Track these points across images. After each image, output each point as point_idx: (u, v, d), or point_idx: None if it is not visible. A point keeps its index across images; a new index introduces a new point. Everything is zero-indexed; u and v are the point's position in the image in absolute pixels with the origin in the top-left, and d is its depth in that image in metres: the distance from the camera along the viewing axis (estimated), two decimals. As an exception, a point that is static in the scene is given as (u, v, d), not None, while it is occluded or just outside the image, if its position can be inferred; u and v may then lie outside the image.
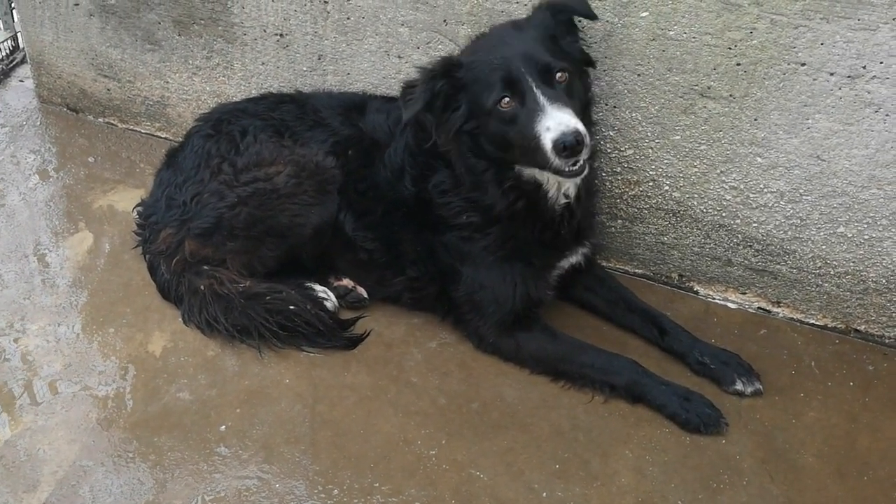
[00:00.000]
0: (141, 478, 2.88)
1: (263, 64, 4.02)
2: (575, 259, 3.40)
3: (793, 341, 3.49)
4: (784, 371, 3.35)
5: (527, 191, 3.10)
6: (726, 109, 3.22)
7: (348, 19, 3.69)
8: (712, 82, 3.19)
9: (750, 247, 3.48)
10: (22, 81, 4.90)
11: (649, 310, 3.45)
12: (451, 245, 3.28)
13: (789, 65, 3.05)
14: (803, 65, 3.03)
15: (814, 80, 3.04)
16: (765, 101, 3.15)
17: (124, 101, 4.51)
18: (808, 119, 3.12)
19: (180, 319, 3.45)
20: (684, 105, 3.27)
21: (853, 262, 3.33)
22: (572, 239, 3.32)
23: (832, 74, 3.01)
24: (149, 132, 4.56)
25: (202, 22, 4.02)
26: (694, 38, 3.13)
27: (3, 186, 4.15)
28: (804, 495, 2.90)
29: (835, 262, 3.37)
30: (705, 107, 3.25)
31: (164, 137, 4.50)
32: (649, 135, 3.40)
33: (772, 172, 3.28)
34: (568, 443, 3.05)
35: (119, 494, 2.83)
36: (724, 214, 3.45)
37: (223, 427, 3.05)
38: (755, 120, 3.20)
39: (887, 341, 3.46)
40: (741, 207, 3.40)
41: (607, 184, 3.59)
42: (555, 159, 2.79)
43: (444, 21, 3.48)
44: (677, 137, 3.35)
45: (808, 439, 3.09)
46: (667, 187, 3.48)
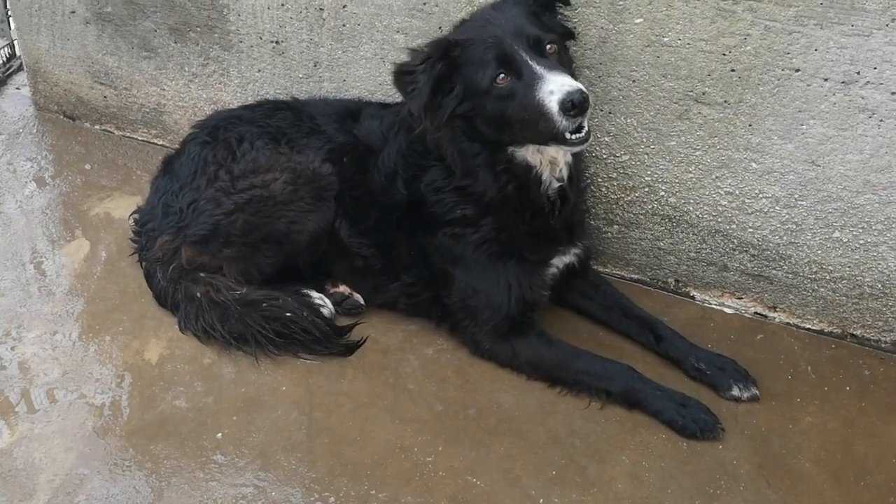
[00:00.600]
0: (137, 486, 2.88)
1: (259, 71, 4.03)
2: (569, 259, 3.40)
3: (789, 346, 3.49)
4: (781, 376, 3.35)
5: (518, 174, 3.10)
6: (721, 115, 3.23)
7: (344, 26, 3.70)
8: (707, 88, 3.20)
9: (746, 252, 3.48)
10: (18, 89, 4.90)
11: (645, 315, 3.46)
12: (444, 247, 3.28)
13: (783, 71, 3.06)
14: (797, 71, 3.04)
15: (808, 85, 3.05)
16: (759, 106, 3.16)
17: (121, 108, 4.51)
18: (802, 125, 3.13)
19: (177, 327, 3.45)
20: (679, 111, 3.28)
21: (849, 266, 3.34)
22: (564, 234, 3.31)
23: (826, 80, 3.02)
24: (145, 139, 4.56)
25: (198, 29, 4.03)
26: (688, 44, 3.14)
27: (-1, 194, 4.16)
28: (801, 500, 2.90)
29: (830, 267, 3.37)
30: (700, 112, 3.26)
31: (161, 144, 4.50)
32: (645, 140, 3.40)
33: (767, 178, 3.28)
34: (565, 449, 3.05)
35: (115, 503, 2.82)
36: (719, 220, 3.45)
37: (220, 435, 3.05)
38: (750, 125, 3.21)
39: (883, 346, 3.47)
40: (737, 213, 3.41)
41: (603, 189, 3.59)
42: (562, 120, 2.77)
43: (440, 28, 3.49)
44: (672, 143, 3.36)
45: (804, 444, 3.09)
46: (662, 193, 3.49)
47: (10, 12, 4.67)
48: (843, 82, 3.00)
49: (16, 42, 4.90)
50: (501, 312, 3.25)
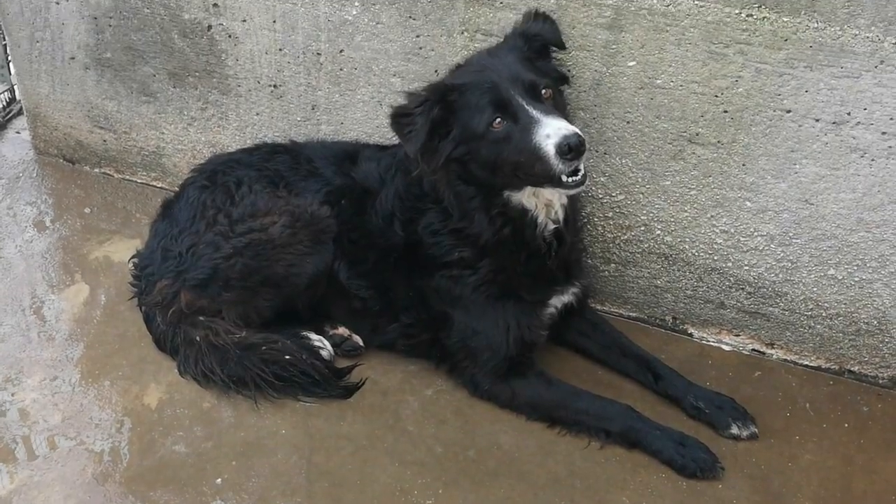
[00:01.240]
0: (137, 533, 2.87)
1: (258, 114, 4.07)
2: (567, 299, 3.42)
3: (787, 383, 3.50)
4: (779, 413, 3.36)
5: (514, 217, 3.12)
6: (715, 155, 3.27)
7: (341, 70, 3.75)
8: (700, 129, 3.24)
9: (742, 289, 3.51)
10: (18, 133, 4.93)
11: (643, 354, 3.47)
12: (442, 289, 3.29)
13: (775, 112, 3.10)
14: (789, 112, 3.08)
15: (800, 126, 3.09)
16: (752, 146, 3.19)
17: (120, 151, 4.55)
18: (795, 164, 3.17)
19: (176, 371, 3.44)
20: (673, 151, 3.32)
21: (844, 303, 3.36)
22: (562, 274, 3.33)
23: (817, 121, 3.06)
24: (145, 182, 4.59)
25: (197, 74, 4.07)
26: (681, 86, 3.19)
27: (-1, 238, 4.18)
28: (802, 540, 2.91)
29: (826, 304, 3.39)
30: (694, 153, 3.29)
31: (160, 187, 4.52)
32: (640, 180, 3.44)
33: (761, 216, 3.31)
34: (565, 490, 3.04)
35: (115, 551, 2.82)
36: (715, 258, 3.48)
37: (219, 480, 3.04)
38: (743, 165, 3.24)
39: (881, 382, 3.48)
40: (732, 251, 3.43)
41: (599, 228, 3.62)
42: (559, 164, 2.79)
43: (436, 72, 3.54)
44: (667, 183, 3.40)
45: (804, 482, 3.09)
46: (658, 231, 3.52)
47: (10, 58, 4.72)
48: (834, 123, 3.04)
49: (16, 87, 4.93)
50: (500, 353, 3.26)
